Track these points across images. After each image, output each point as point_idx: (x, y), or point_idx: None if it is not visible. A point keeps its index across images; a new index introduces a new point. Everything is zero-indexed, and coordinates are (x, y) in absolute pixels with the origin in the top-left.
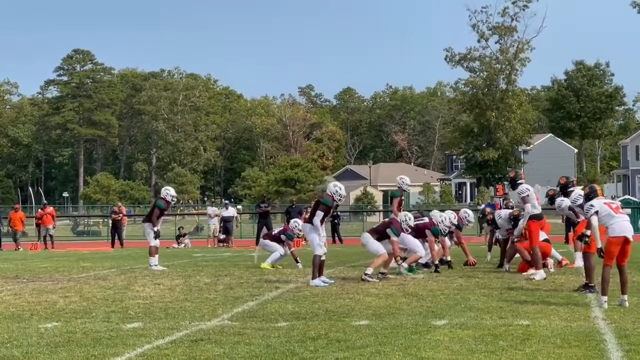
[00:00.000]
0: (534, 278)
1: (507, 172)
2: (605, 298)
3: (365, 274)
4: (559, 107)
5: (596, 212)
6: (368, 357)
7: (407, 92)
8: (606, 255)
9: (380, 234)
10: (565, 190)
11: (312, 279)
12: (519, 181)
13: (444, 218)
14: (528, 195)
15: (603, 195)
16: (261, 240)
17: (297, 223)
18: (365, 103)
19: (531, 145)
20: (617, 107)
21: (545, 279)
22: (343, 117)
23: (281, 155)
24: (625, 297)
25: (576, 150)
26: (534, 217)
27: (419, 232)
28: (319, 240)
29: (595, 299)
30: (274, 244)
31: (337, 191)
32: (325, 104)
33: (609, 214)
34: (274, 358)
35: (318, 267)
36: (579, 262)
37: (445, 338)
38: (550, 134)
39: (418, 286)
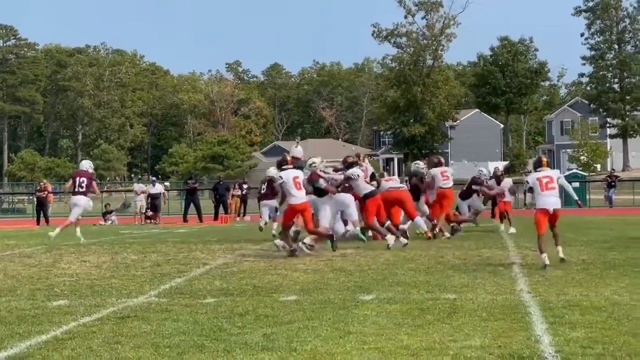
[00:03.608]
0: (388, 245)
1: (434, 147)
2: (544, 255)
3: (303, 243)
4: (484, 83)
5: (530, 189)
6: (296, 332)
7: (334, 68)
8: (536, 225)
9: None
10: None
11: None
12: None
13: None
14: (355, 180)
15: (547, 166)
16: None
17: None
18: (292, 79)
19: (458, 121)
20: (541, 83)
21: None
22: (271, 93)
23: (209, 132)
24: (560, 247)
25: (502, 126)
26: (368, 195)
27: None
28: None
29: (520, 272)
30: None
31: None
32: (252, 80)
33: (537, 190)
34: (201, 334)
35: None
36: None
37: (373, 313)
38: (477, 110)
39: (346, 261)
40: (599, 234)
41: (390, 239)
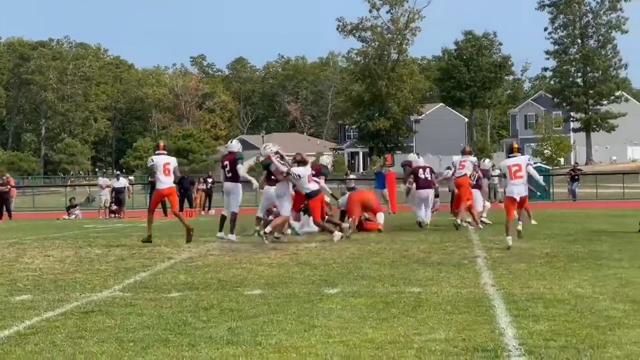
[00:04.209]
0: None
1: (399, 141)
2: (509, 237)
3: (265, 232)
4: (449, 77)
5: (504, 175)
6: (261, 326)
7: (299, 62)
8: (505, 210)
9: None
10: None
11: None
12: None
13: None
14: (297, 179)
15: (518, 152)
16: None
17: None
18: (257, 73)
19: (422, 115)
20: (505, 77)
21: (342, 237)
22: (235, 87)
23: (173, 126)
24: (521, 223)
25: (466, 120)
26: (311, 195)
27: None
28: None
29: (485, 265)
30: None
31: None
32: (217, 74)
33: (508, 178)
34: (165, 328)
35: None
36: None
37: (338, 306)
38: (441, 104)
39: (311, 255)
40: (563, 228)
41: (337, 235)
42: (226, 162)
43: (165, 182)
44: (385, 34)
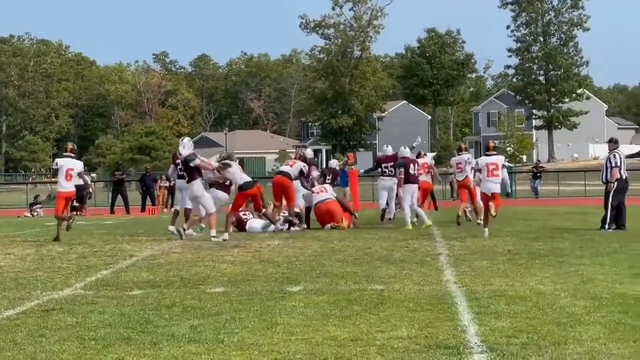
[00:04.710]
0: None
1: (362, 139)
2: (486, 229)
3: (212, 237)
4: (412, 75)
5: (479, 170)
6: (223, 324)
7: (262, 59)
8: (482, 203)
9: None
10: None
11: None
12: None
13: None
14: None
15: (494, 150)
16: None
17: None
18: (220, 70)
19: (385, 112)
20: (468, 75)
21: (225, 240)
22: (198, 84)
23: (136, 123)
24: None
25: (430, 117)
26: (242, 187)
27: None
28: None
29: (448, 262)
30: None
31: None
32: (180, 71)
33: (484, 175)
34: (127, 327)
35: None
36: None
37: (301, 304)
38: (404, 101)
39: (274, 253)
40: (525, 225)
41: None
42: (179, 161)
43: (66, 186)
44: (348, 32)
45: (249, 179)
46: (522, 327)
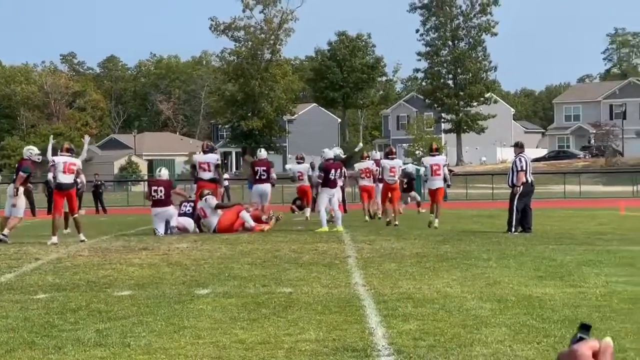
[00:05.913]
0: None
1: (272, 141)
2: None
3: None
4: (322, 78)
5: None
6: (130, 328)
7: (172, 61)
8: (430, 198)
9: None
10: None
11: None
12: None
13: None
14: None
15: (437, 151)
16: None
17: None
18: (129, 71)
19: (296, 115)
20: (378, 78)
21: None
22: (107, 86)
23: (43, 124)
24: (437, 220)
25: (339, 120)
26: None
27: None
28: None
29: (356, 265)
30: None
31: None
32: (88, 72)
33: (429, 174)
34: (31, 331)
35: None
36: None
37: (209, 307)
38: (315, 104)
39: (182, 255)
40: (433, 228)
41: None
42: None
43: (65, 180)
44: (259, 34)
45: (71, 180)
46: (429, 329)
